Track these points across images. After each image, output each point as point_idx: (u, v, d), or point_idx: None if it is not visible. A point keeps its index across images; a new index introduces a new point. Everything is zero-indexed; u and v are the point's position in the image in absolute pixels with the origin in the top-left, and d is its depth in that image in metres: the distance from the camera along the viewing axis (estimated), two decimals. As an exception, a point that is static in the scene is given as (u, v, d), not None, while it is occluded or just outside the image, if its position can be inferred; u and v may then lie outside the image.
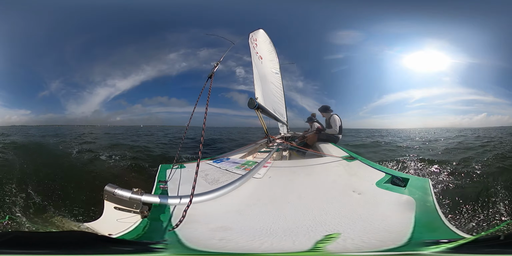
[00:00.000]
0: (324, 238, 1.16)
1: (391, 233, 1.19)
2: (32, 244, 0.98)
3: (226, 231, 1.31)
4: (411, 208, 1.44)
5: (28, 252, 0.93)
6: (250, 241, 1.19)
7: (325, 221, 1.34)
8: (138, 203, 1.49)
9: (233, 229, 1.34)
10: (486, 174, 4.88)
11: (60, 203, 3.58)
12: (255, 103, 3.58)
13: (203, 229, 1.33)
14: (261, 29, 5.83)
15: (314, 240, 1.15)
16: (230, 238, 1.24)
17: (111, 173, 5.60)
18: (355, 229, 1.24)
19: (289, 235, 1.22)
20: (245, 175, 2.14)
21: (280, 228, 1.31)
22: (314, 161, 2.95)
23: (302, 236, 1.21)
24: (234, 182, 1.92)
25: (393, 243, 1.10)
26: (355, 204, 1.56)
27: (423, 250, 1.02)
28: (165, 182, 2.12)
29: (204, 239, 1.22)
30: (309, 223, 1.32)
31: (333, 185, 2.02)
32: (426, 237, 1.15)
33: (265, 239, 1.20)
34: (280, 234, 1.24)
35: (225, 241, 1.20)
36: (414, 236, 1.14)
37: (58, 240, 1.05)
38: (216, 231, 1.32)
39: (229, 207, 1.63)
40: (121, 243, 1.16)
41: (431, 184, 1.78)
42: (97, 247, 1.01)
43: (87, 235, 1.23)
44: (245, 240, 1.21)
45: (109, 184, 1.55)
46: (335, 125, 5.28)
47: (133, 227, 1.36)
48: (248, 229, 1.32)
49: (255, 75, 4.45)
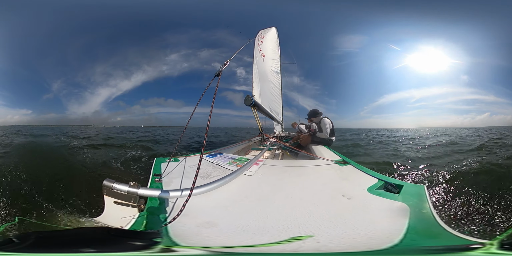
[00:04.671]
0: (288, 239, 1.16)
1: (372, 239, 1.18)
2: (55, 244, 0.99)
3: (212, 227, 1.30)
4: (405, 214, 1.42)
5: (54, 251, 0.94)
6: (226, 238, 1.19)
7: (305, 223, 1.33)
8: (135, 197, 1.50)
9: (218, 225, 1.33)
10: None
11: (65, 200, 3.53)
12: (251, 101, 3.57)
13: (191, 224, 1.32)
14: (274, 28, 5.80)
15: (278, 240, 1.15)
16: (212, 234, 1.23)
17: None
18: (332, 233, 1.23)
19: (259, 234, 1.22)
20: (236, 171, 2.12)
21: (256, 226, 1.31)
22: (306, 163, 2.95)
23: (271, 236, 1.20)
24: (225, 177, 1.91)
25: (367, 248, 1.10)
26: (342, 209, 1.55)
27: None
28: (160, 175, 2.11)
29: (191, 235, 1.22)
30: (287, 224, 1.32)
31: (323, 188, 2.01)
32: (423, 244, 1.14)
33: (236, 236, 1.21)
34: (251, 232, 1.24)
35: (208, 237, 1.20)
36: (403, 243, 1.13)
37: (76, 237, 1.06)
38: (203, 226, 1.31)
39: (217, 202, 1.63)
40: (131, 235, 1.18)
41: (427, 190, 1.76)
42: (113, 242, 1.02)
43: (100, 230, 1.25)
44: (224, 236, 1.21)
45: (107, 179, 1.55)
46: (325, 128, 5.27)
47: (133, 222, 1.36)
48: (229, 225, 1.33)
49: (254, 73, 4.44)
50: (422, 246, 1.11)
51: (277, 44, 6.82)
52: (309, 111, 5.76)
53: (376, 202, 1.64)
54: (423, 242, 1.15)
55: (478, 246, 1.00)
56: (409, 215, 1.40)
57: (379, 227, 1.30)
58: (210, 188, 1.71)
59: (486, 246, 0.98)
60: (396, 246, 1.10)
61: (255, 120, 4.25)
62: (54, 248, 0.95)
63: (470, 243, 1.10)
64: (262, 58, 5.20)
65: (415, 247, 1.10)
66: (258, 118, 4.22)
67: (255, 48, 4.60)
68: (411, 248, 1.09)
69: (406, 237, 1.17)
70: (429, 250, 1.07)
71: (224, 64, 2.39)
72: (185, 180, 2.05)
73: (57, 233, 1.35)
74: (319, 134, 5.36)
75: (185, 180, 2.04)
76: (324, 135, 5.29)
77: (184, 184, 1.96)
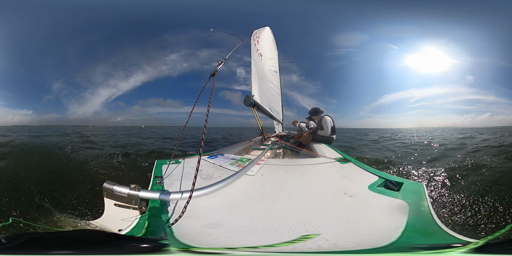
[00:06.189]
0: (299, 238, 1.17)
1: (373, 236, 1.19)
2: (46, 244, 0.97)
3: (217, 228, 1.31)
4: (404, 212, 1.43)
5: (45, 253, 0.92)
6: (231, 238, 1.20)
7: (310, 222, 1.34)
8: (136, 199, 1.50)
9: (223, 225, 1.34)
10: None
11: (63, 201, 3.53)
12: (251, 101, 3.57)
13: (196, 226, 1.33)
14: (268, 27, 5.79)
15: (290, 239, 1.15)
16: (218, 235, 1.24)
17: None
18: (337, 231, 1.24)
19: (268, 234, 1.23)
20: (239, 172, 2.13)
21: (263, 226, 1.31)
22: (307, 161, 2.96)
23: (280, 235, 1.21)
24: (228, 178, 1.92)
25: (370, 245, 1.10)
26: (344, 206, 1.56)
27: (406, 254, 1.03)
28: (161, 177, 2.12)
29: (197, 236, 1.22)
30: (293, 223, 1.33)
31: (325, 186, 2.02)
32: (418, 241, 1.15)
33: (245, 237, 1.21)
34: (260, 232, 1.25)
35: (214, 238, 1.20)
36: (399, 240, 1.14)
37: (70, 239, 1.04)
38: (208, 227, 1.32)
39: (221, 203, 1.63)
40: (131, 240, 1.16)
41: (425, 188, 1.77)
42: (110, 245, 1.00)
43: (97, 233, 1.23)
44: (229, 237, 1.21)
45: (107, 181, 1.55)
46: (326, 126, 5.29)
47: (135, 224, 1.36)
48: (235, 226, 1.33)
49: (253, 73, 4.43)
50: (415, 244, 1.12)
51: (273, 43, 6.80)
52: (310, 109, 5.77)
53: (376, 199, 1.66)
54: (418, 240, 1.16)
55: (464, 245, 1.01)
56: (408, 213, 1.42)
57: (379, 224, 1.32)
58: (213, 189, 1.72)
59: (473, 245, 0.99)
60: (393, 244, 1.11)
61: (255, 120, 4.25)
62: (46, 249, 0.93)
63: (461, 242, 1.10)
64: (260, 58, 5.19)
65: (410, 244, 1.11)
66: (258, 117, 4.22)
67: (252, 48, 4.59)
68: (406, 245, 1.10)
69: (403, 235, 1.18)
70: (422, 247, 1.07)
71: (219, 64, 2.39)
72: (186, 181, 2.05)
73: (51, 235, 1.35)
74: (320, 132, 5.37)
75: (186, 182, 2.04)
76: (325, 133, 5.29)
77: (185, 186, 1.96)
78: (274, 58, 7.15)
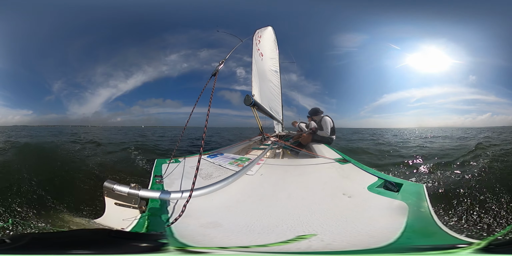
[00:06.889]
0: (294, 238, 1.17)
1: (372, 237, 1.19)
2: (50, 244, 0.97)
3: (216, 227, 1.32)
4: (403, 213, 1.43)
5: (48, 253, 0.92)
6: (227, 238, 1.20)
7: (308, 222, 1.34)
8: (136, 198, 1.50)
9: (222, 225, 1.35)
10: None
11: (64, 200, 3.53)
12: (251, 100, 3.57)
13: (195, 225, 1.33)
14: (270, 27, 5.79)
15: (286, 239, 1.16)
16: (215, 234, 1.24)
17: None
18: (335, 232, 1.23)
19: (264, 233, 1.23)
20: (238, 172, 2.14)
21: (261, 226, 1.32)
22: (307, 161, 2.97)
23: (276, 235, 1.21)
24: (227, 178, 1.92)
25: (368, 246, 1.10)
26: (343, 207, 1.56)
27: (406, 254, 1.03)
28: (161, 176, 2.12)
29: (195, 235, 1.23)
30: (291, 223, 1.33)
31: (324, 186, 2.02)
32: (417, 242, 1.15)
33: (242, 236, 1.21)
34: (257, 232, 1.25)
35: (211, 237, 1.21)
36: (399, 241, 1.14)
37: (74, 239, 1.05)
38: (207, 227, 1.32)
39: (220, 203, 1.64)
40: (131, 239, 1.16)
41: (426, 189, 1.76)
42: (110, 245, 1.00)
43: (100, 232, 1.23)
44: (226, 236, 1.22)
45: (108, 180, 1.55)
46: (326, 127, 5.28)
47: (135, 223, 1.37)
48: (233, 225, 1.33)
49: (253, 72, 4.43)
50: (415, 245, 1.12)
51: (274, 43, 6.81)
52: (310, 109, 5.76)
53: (376, 200, 1.65)
54: (417, 241, 1.16)
55: (467, 245, 1.01)
56: (408, 214, 1.41)
57: (378, 225, 1.32)
58: (213, 189, 1.72)
59: (476, 246, 0.99)
60: (392, 245, 1.11)
61: (255, 119, 4.25)
62: (49, 249, 0.93)
63: (461, 243, 1.10)
64: (261, 58, 5.20)
65: (409, 245, 1.11)
66: (258, 117, 4.22)
67: (253, 48, 4.60)
68: (405, 246, 1.10)
69: (403, 236, 1.18)
70: (421, 248, 1.07)
71: (220, 64, 2.40)
72: (186, 181, 2.06)
73: (53, 234, 1.34)
74: (320, 132, 5.36)
75: (186, 181, 2.05)
76: (324, 133, 5.29)
77: (185, 185, 1.96)
78: (275, 58, 7.15)
